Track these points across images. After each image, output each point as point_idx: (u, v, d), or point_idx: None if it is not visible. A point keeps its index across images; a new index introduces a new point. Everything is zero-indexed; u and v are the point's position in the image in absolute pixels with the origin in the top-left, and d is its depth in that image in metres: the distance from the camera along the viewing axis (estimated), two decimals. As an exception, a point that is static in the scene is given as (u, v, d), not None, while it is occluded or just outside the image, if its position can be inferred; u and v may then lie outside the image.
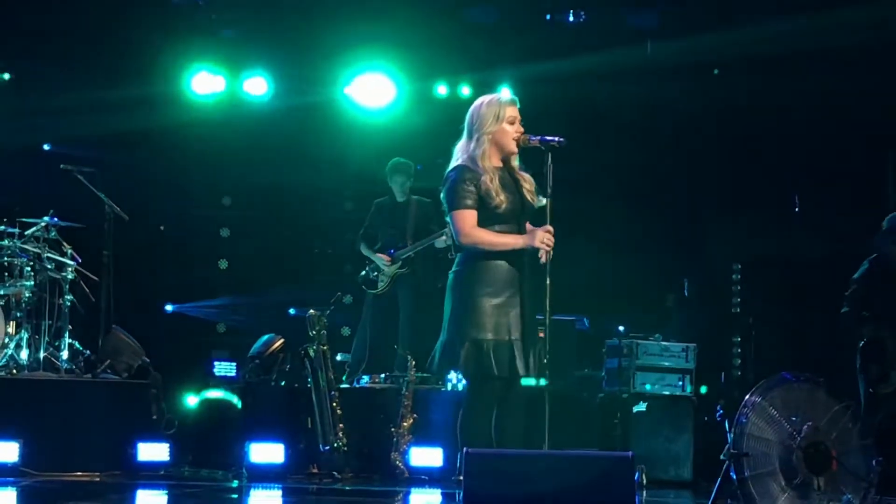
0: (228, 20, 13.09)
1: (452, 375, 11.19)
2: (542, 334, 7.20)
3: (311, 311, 10.68)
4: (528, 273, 7.11)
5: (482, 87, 13.38)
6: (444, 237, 11.46)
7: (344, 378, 11.57)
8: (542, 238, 6.99)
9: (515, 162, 7.21)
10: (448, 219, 7.13)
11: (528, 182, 7.21)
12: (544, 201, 7.16)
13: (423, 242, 11.72)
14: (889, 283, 9.31)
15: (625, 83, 12.89)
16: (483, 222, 7.05)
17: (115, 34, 12.80)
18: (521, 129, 7.15)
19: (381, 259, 11.79)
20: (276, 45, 13.32)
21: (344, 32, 13.14)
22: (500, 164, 7.16)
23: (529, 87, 13.24)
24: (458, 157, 7.17)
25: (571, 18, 13.17)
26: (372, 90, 13.49)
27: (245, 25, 13.16)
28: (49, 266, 11.09)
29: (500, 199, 7.04)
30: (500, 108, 7.12)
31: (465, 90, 13.67)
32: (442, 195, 7.17)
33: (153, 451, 10.42)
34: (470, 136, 7.15)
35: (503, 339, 7.02)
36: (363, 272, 11.90)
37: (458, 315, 7.07)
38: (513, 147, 7.14)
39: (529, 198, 7.16)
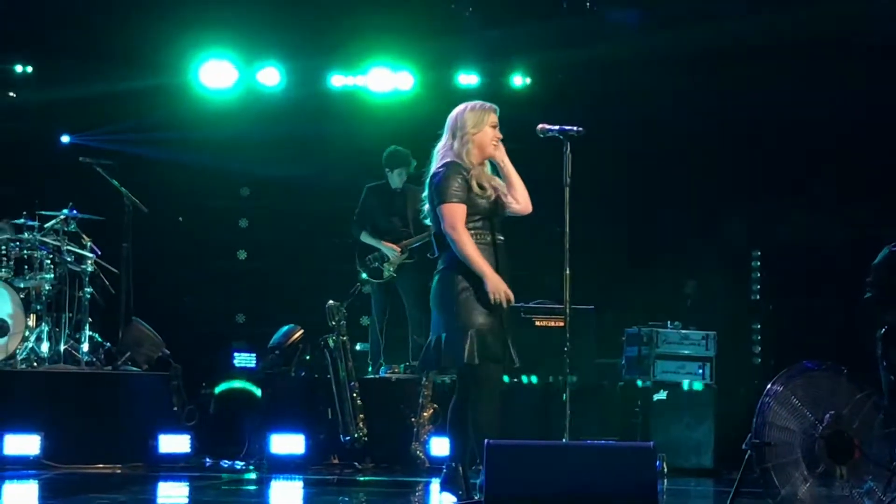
0: (246, 12, 13.06)
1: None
2: (562, 323, 7.26)
3: (331, 301, 10.67)
4: (504, 268, 7.23)
5: (497, 77, 13.45)
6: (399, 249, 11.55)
7: (370, 369, 11.57)
8: (501, 293, 7.10)
9: (487, 168, 7.40)
10: (436, 211, 7.27)
11: (501, 186, 7.41)
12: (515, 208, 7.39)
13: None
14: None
15: (643, 71, 12.87)
16: (468, 212, 7.22)
17: (134, 25, 12.81)
18: (500, 136, 7.38)
19: (392, 249, 11.66)
20: (292, 35, 13.31)
21: (359, 21, 13.14)
22: (486, 170, 7.38)
23: (545, 75, 13.25)
24: (442, 157, 7.34)
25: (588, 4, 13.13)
26: (385, 79, 13.51)
27: (262, 17, 13.12)
28: (69, 259, 11.12)
29: (489, 192, 7.25)
30: (483, 113, 7.37)
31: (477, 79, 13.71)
32: (426, 189, 7.39)
33: (174, 443, 10.45)
34: (453, 137, 7.35)
35: (500, 329, 7.20)
36: (368, 262, 11.74)
37: (457, 308, 7.19)
38: (492, 151, 7.37)
39: (503, 199, 7.35)
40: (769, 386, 7.61)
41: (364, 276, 11.60)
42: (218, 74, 13.34)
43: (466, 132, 7.29)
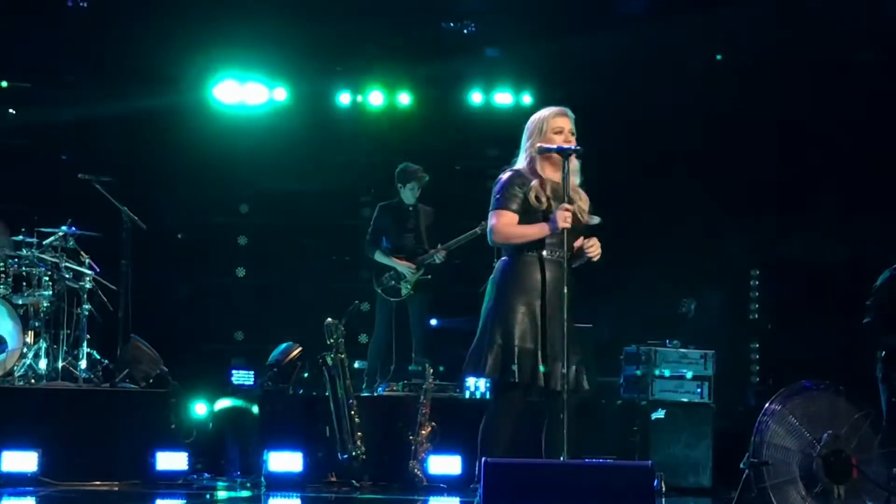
0: (247, 28, 13.08)
1: (471, 382, 11.20)
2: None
3: (329, 319, 10.67)
4: (571, 283, 7.04)
5: (495, 95, 13.48)
6: (444, 252, 11.56)
7: (364, 387, 11.56)
8: (564, 217, 6.93)
9: (575, 178, 7.13)
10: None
11: (583, 200, 7.20)
12: (597, 220, 7.19)
13: (454, 243, 11.60)
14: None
15: (639, 86, 12.87)
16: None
17: (134, 43, 12.83)
18: (571, 139, 7.14)
19: (407, 267, 11.68)
20: (291, 54, 13.33)
21: (360, 41, 13.19)
22: (558, 179, 7.09)
23: (548, 91, 13.26)
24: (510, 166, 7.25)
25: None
26: (385, 97, 13.57)
27: (262, 34, 13.14)
28: (67, 275, 11.12)
29: (549, 205, 7.04)
30: (542, 122, 7.17)
31: (478, 97, 13.76)
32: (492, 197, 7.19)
33: (172, 460, 10.40)
34: (522, 151, 7.22)
35: (530, 348, 6.99)
36: (385, 281, 11.77)
37: (490, 321, 7.08)
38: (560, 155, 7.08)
39: (580, 215, 7.12)
40: (767, 405, 7.62)
41: (379, 291, 11.65)
42: (219, 92, 13.38)
43: (528, 144, 7.16)
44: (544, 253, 7.05)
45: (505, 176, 7.13)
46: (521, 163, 7.19)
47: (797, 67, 12.65)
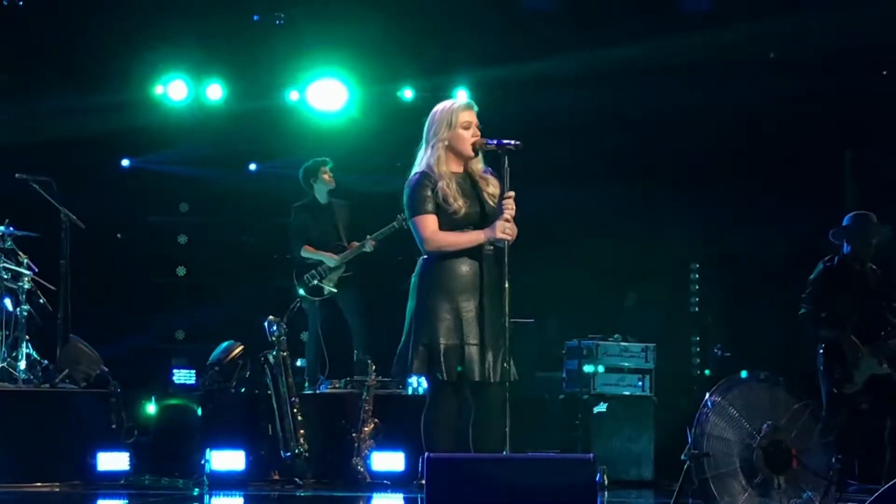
0: (187, 26, 13.01)
1: (413, 379, 11.20)
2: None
3: (271, 317, 10.64)
4: (493, 276, 7.06)
5: (440, 91, 13.44)
6: (373, 242, 11.51)
7: (306, 385, 11.53)
8: (503, 228, 6.95)
9: (479, 165, 7.17)
10: (410, 225, 7.11)
11: (491, 185, 7.16)
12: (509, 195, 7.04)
13: (380, 234, 11.55)
14: (844, 283, 9.41)
15: (582, 84, 12.91)
16: (442, 228, 7.01)
17: (72, 40, 12.73)
18: (478, 134, 7.12)
19: (331, 258, 11.64)
20: (233, 51, 13.28)
21: (299, 37, 13.15)
22: (460, 170, 7.13)
23: (486, 89, 13.27)
24: (417, 164, 7.16)
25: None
26: (326, 94, 13.50)
27: (203, 31, 13.08)
28: (5, 276, 11.00)
29: (458, 204, 7.00)
30: (452, 114, 7.09)
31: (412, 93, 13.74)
32: (404, 202, 7.14)
33: (113, 461, 10.35)
34: (426, 144, 7.14)
35: (455, 343, 6.97)
36: (307, 280, 11.69)
37: (414, 320, 7.07)
38: (469, 151, 7.10)
39: (491, 201, 7.10)
40: (707, 397, 7.66)
41: (302, 292, 11.58)
42: (160, 90, 13.31)
43: (436, 139, 7.04)
44: (479, 248, 7.03)
45: (413, 179, 7.07)
46: (425, 158, 7.09)
47: (738, 66, 12.74)
